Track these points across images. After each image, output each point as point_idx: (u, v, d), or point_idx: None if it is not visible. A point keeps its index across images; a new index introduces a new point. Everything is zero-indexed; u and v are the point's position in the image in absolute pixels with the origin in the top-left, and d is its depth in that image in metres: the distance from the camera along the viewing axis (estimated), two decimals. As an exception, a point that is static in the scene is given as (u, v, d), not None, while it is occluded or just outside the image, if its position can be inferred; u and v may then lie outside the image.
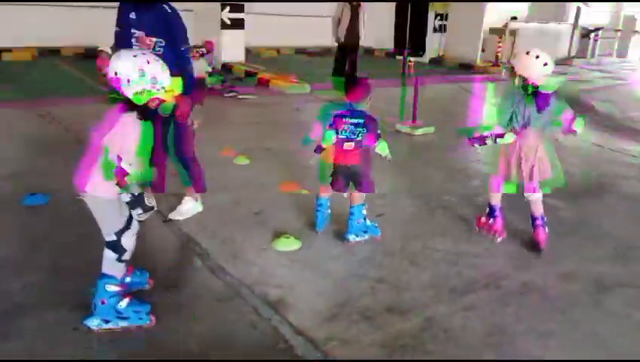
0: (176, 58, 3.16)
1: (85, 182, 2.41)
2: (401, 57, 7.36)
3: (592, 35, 17.13)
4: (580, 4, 17.22)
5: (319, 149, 3.33)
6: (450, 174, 5.26)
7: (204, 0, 11.10)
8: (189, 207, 3.80)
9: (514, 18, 16.42)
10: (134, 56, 2.31)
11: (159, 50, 3.15)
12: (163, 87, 2.33)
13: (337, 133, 3.27)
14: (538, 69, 3.21)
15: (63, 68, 10.30)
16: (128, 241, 2.52)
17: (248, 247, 3.41)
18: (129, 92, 2.30)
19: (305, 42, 15.19)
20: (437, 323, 2.73)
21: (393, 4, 7.14)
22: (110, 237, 2.50)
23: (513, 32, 15.80)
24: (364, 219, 3.56)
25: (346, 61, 9.10)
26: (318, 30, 13.12)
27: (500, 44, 13.87)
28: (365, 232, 3.57)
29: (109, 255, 2.53)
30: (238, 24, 11.31)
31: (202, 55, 8.73)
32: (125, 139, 2.31)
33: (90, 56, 10.03)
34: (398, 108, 7.05)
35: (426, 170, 5.40)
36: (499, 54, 13.81)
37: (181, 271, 3.15)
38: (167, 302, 2.78)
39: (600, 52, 17.64)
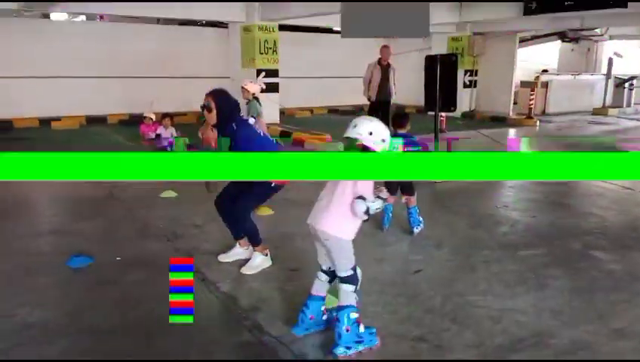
0: None
1: (332, 226, 2.77)
2: (432, 113, 7.45)
3: (627, 84, 16.95)
4: (612, 54, 17.21)
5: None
6: (477, 221, 5.22)
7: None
8: (260, 261, 3.93)
9: (545, 71, 16.51)
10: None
11: None
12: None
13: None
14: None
15: (108, 134, 10.82)
16: (360, 273, 2.87)
17: (284, 305, 3.38)
18: (379, 148, 2.75)
19: (337, 102, 15.57)
20: (483, 384, 2.61)
21: (421, 63, 7.30)
22: (347, 272, 2.82)
23: (545, 85, 15.86)
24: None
25: (378, 118, 9.25)
26: (350, 90, 13.47)
27: (533, 97, 13.87)
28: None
29: (347, 288, 2.82)
30: (272, 88, 11.75)
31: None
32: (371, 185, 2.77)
33: (134, 122, 10.66)
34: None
35: (452, 217, 5.36)
36: (531, 107, 13.79)
37: (219, 331, 3.13)
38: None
39: (636, 101, 17.38)
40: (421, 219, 4.76)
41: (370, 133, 2.74)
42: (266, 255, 3.99)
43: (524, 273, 3.95)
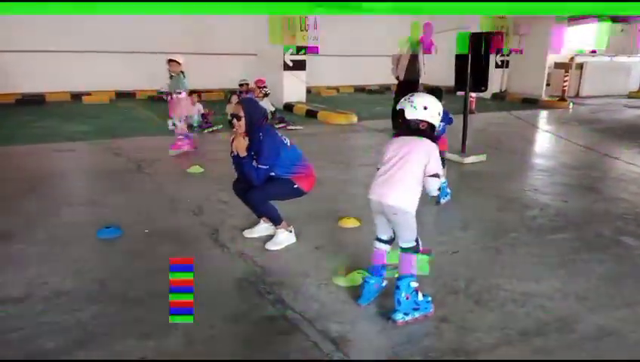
0: None
1: (401, 200, 2.88)
2: (462, 93, 7.31)
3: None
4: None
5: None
6: (505, 204, 5.15)
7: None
8: (284, 237, 3.99)
9: (593, 52, 15.96)
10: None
11: None
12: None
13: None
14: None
15: (137, 109, 10.97)
16: (420, 243, 3.01)
17: (309, 282, 3.41)
18: (436, 121, 2.92)
19: (364, 81, 15.42)
20: (505, 366, 2.59)
21: (453, 41, 7.13)
22: (411, 243, 2.97)
23: (580, 66, 15.37)
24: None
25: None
26: (378, 69, 13.29)
27: (567, 78, 13.47)
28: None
29: (412, 258, 2.96)
30: (299, 65, 11.68)
31: (266, 95, 9.11)
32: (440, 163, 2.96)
33: (162, 98, 10.76)
34: (460, 141, 7.04)
35: (480, 199, 5.30)
36: (565, 89, 13.40)
37: (243, 304, 3.18)
38: (229, 332, 2.81)
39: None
40: (449, 190, 5.00)
41: (439, 114, 2.94)
42: (290, 231, 4.03)
43: (551, 257, 3.88)
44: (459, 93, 7.51)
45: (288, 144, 3.93)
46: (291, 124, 9.31)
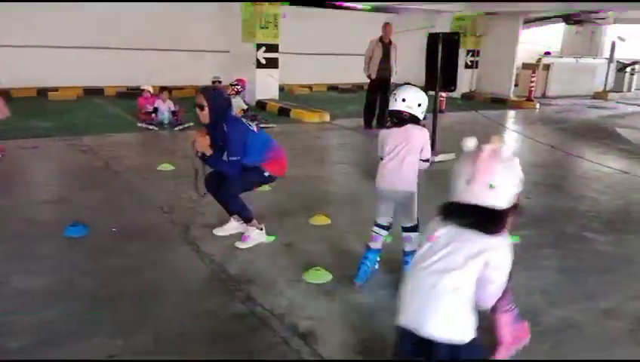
0: None
1: (409, 183, 3.22)
2: (433, 93, 7.40)
3: (629, 69, 16.85)
4: (616, 38, 17.06)
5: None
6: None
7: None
8: (254, 235, 3.95)
9: (547, 53, 16.37)
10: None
11: None
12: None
13: None
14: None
15: (105, 106, 10.76)
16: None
17: (278, 279, 3.42)
18: (414, 112, 3.16)
19: (337, 79, 15.47)
20: (471, 359, 2.65)
21: (423, 42, 7.23)
22: (413, 221, 3.29)
23: (546, 67, 15.75)
24: None
25: (377, 96, 9.21)
26: (351, 67, 13.36)
27: (534, 79, 13.79)
28: None
29: (414, 235, 3.29)
30: (272, 63, 11.65)
31: (238, 92, 9.08)
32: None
33: (131, 95, 10.59)
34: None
35: (447, 196, 5.38)
36: (532, 89, 13.73)
37: (212, 301, 3.17)
38: (198, 330, 2.81)
39: (637, 86, 17.31)
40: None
41: (419, 105, 3.19)
42: (261, 229, 4.00)
43: (516, 253, 3.96)
44: (429, 92, 7.60)
45: (255, 129, 3.88)
46: (263, 121, 9.27)
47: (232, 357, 2.61)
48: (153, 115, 8.64)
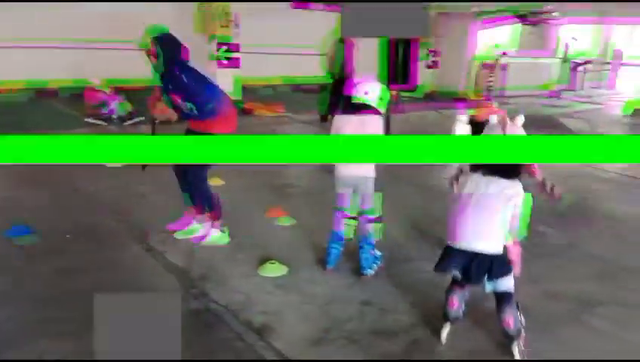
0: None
1: (369, 169, 3.36)
2: (394, 91, 7.51)
3: (581, 68, 17.48)
4: (569, 38, 17.68)
5: None
6: (429, 193, 5.41)
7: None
8: (215, 237, 3.82)
9: (504, 53, 16.79)
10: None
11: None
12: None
13: None
14: None
15: (48, 101, 10.41)
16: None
17: (233, 274, 3.41)
18: (375, 104, 3.35)
19: (300, 78, 15.48)
20: (423, 344, 2.71)
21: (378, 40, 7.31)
22: (371, 205, 3.44)
23: (504, 66, 16.17)
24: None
25: (340, 94, 9.23)
26: (314, 66, 13.36)
27: (492, 78, 14.16)
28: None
29: (377, 226, 3.49)
30: (234, 63, 11.55)
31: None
32: None
33: (77, 89, 10.21)
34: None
35: (404, 188, 5.49)
36: (490, 88, 14.10)
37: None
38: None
39: (589, 84, 17.97)
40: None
41: (381, 99, 3.37)
42: (224, 231, 3.89)
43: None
44: (391, 91, 7.70)
45: (208, 78, 3.70)
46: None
47: (189, 355, 2.59)
48: (102, 109, 8.37)
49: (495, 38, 18.48)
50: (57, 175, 5.34)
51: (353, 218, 3.50)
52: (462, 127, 4.95)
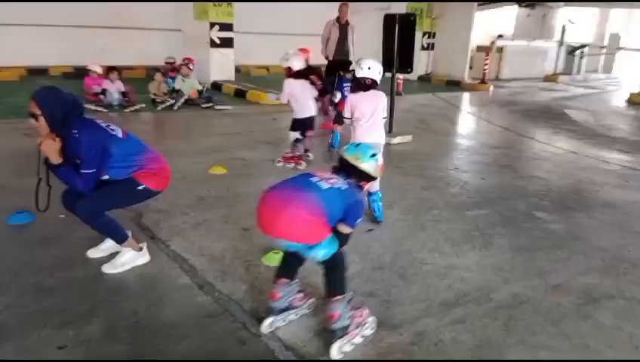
0: None
1: (383, 137, 4.19)
2: (389, 75, 7.43)
3: (578, 52, 17.43)
4: (566, 22, 17.58)
5: None
6: (428, 182, 5.37)
7: None
8: (129, 257, 3.28)
9: (500, 36, 16.70)
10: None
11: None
12: None
13: None
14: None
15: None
16: None
17: (237, 263, 3.37)
18: (377, 78, 4.10)
19: (294, 60, 15.30)
20: (427, 336, 2.70)
21: (379, 24, 7.22)
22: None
23: (500, 50, 16.09)
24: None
25: (335, 77, 9.15)
26: (309, 48, 13.21)
27: (487, 62, 14.06)
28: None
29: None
30: (227, 43, 11.39)
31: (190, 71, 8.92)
32: None
33: (78, 75, 10.14)
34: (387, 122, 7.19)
35: (405, 178, 5.46)
36: (485, 72, 14.00)
37: (168, 289, 3.10)
38: (154, 318, 2.74)
39: (586, 68, 17.95)
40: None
41: (380, 73, 4.04)
42: (140, 250, 3.33)
43: (470, 232, 4.08)
44: (386, 74, 7.63)
45: (119, 135, 3.12)
46: (219, 103, 9.12)
47: (193, 344, 2.57)
48: (101, 96, 8.31)
49: (494, 22, 18.33)
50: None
51: None
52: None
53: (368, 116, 4.04)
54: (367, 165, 2.67)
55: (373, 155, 2.71)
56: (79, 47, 11.71)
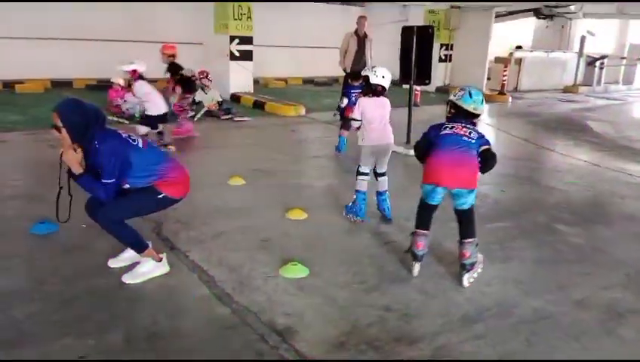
0: None
1: (392, 138, 4.46)
2: (407, 86, 7.44)
3: (598, 63, 17.22)
4: (585, 33, 17.41)
5: None
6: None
7: None
8: (149, 268, 3.30)
9: (519, 47, 16.60)
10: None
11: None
12: None
13: None
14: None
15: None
16: None
17: (255, 275, 3.38)
18: (387, 85, 4.40)
19: (313, 73, 15.40)
20: (447, 352, 2.67)
21: (395, 35, 7.24)
22: (386, 168, 4.48)
23: (519, 61, 15.98)
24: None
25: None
26: (326, 61, 13.29)
27: (506, 73, 13.97)
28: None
29: (384, 179, 4.47)
30: (246, 56, 11.51)
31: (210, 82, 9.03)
32: None
33: (101, 87, 10.34)
34: (405, 133, 7.19)
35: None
36: (504, 83, 13.91)
37: (187, 299, 3.12)
38: (173, 329, 2.76)
39: (606, 80, 17.70)
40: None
41: (389, 82, 4.38)
42: (160, 260, 3.36)
43: (490, 245, 4.02)
44: (404, 86, 7.65)
45: (140, 145, 3.20)
46: (238, 115, 9.20)
47: (211, 355, 2.57)
48: (124, 108, 8.45)
49: (512, 33, 18.23)
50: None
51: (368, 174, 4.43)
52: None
53: (379, 119, 4.34)
54: (481, 110, 3.52)
55: (482, 102, 3.52)
56: (103, 60, 11.92)
